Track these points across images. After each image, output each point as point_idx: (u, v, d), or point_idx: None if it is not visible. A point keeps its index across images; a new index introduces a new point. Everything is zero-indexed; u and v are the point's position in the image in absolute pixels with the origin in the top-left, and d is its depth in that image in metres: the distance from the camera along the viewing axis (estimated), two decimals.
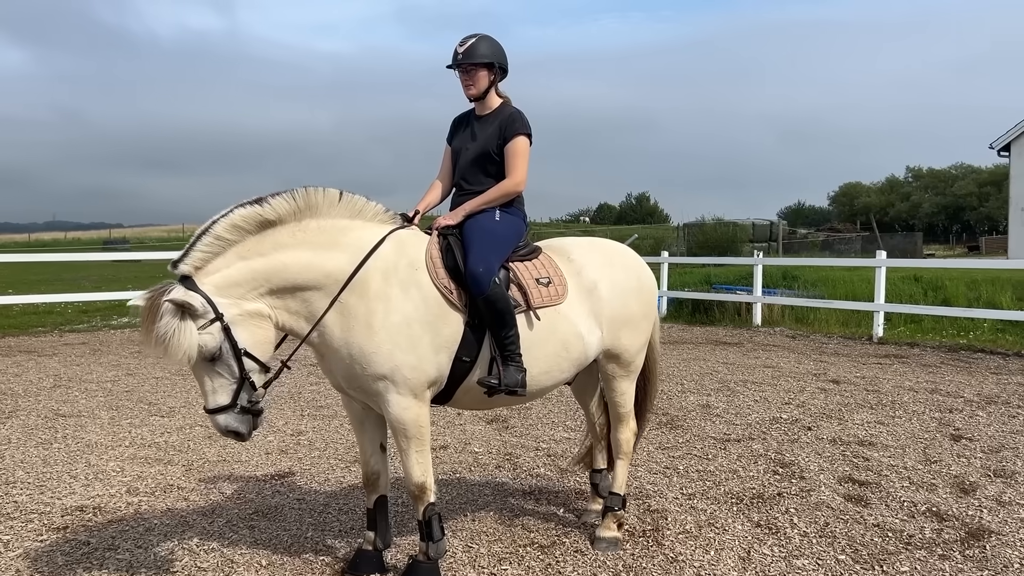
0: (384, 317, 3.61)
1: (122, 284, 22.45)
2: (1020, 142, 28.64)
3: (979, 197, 75.41)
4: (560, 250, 4.32)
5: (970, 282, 14.61)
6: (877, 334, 13.39)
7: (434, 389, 3.81)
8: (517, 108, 4.22)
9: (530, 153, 4.15)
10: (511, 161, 4.10)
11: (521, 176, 4.11)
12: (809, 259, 18.21)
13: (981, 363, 11.20)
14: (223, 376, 3.43)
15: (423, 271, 3.78)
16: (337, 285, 3.61)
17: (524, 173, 4.12)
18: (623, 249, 4.53)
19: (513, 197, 4.16)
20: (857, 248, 35.60)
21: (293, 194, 3.60)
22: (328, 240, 3.64)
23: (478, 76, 4.14)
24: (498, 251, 3.93)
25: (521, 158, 4.11)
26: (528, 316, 3.95)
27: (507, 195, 4.12)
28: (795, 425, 7.39)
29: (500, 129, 4.13)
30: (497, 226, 4.03)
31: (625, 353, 4.33)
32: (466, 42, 4.11)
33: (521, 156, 4.11)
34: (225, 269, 3.45)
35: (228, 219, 3.48)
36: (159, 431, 7.19)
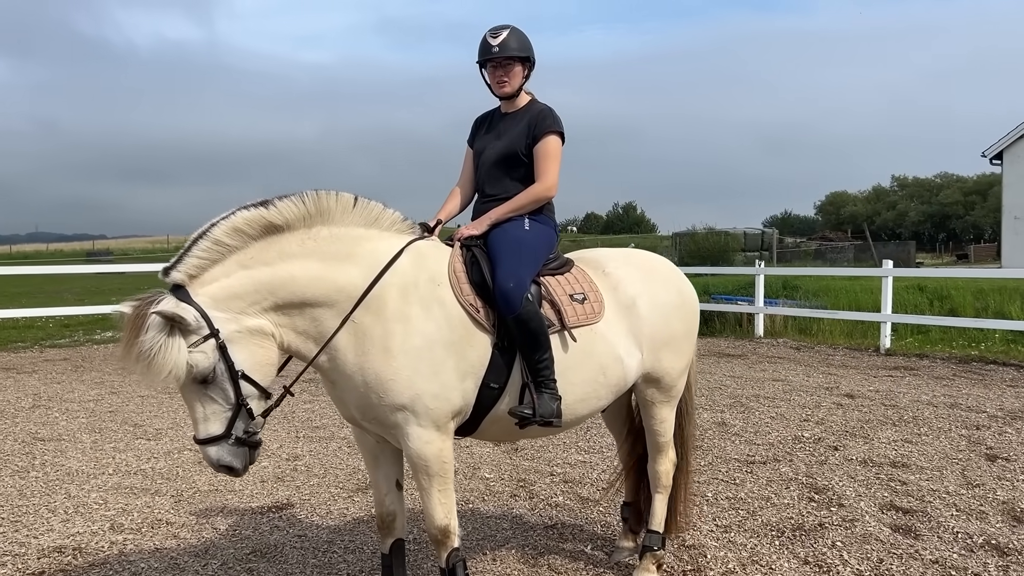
0: (403, 339, 3.20)
1: (105, 297, 21.87)
2: (1012, 150, 28.55)
3: (964, 206, 75.82)
4: (594, 262, 3.91)
5: (976, 291, 14.33)
6: (885, 345, 13.06)
7: (458, 419, 3.39)
8: (546, 104, 3.83)
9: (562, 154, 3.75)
10: (541, 163, 3.71)
11: (553, 179, 3.71)
12: (813, 268, 17.89)
13: (995, 375, 10.91)
14: (216, 402, 3.00)
15: (446, 287, 3.37)
16: (350, 302, 3.19)
17: (556, 176, 3.72)
18: (662, 261, 4.13)
19: (544, 203, 3.76)
20: (850, 257, 35.45)
21: (303, 197, 3.18)
22: (341, 251, 3.23)
23: (513, 71, 3.76)
24: (529, 264, 3.53)
25: (553, 159, 3.71)
26: (562, 337, 3.54)
27: (537, 201, 3.72)
28: (820, 444, 7.01)
29: (529, 127, 3.74)
30: (527, 236, 3.62)
31: (666, 376, 3.93)
32: (499, 33, 3.72)
33: (553, 157, 3.71)
34: (224, 279, 3.02)
35: (229, 222, 3.06)
36: (145, 456, 6.72)
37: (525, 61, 3.77)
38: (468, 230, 3.66)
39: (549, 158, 3.70)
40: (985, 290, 14.26)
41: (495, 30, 3.74)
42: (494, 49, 3.71)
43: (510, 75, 3.75)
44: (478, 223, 3.69)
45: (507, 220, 3.67)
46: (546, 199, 3.74)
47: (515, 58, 3.73)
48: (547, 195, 3.72)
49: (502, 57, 3.72)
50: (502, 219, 3.67)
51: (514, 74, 3.76)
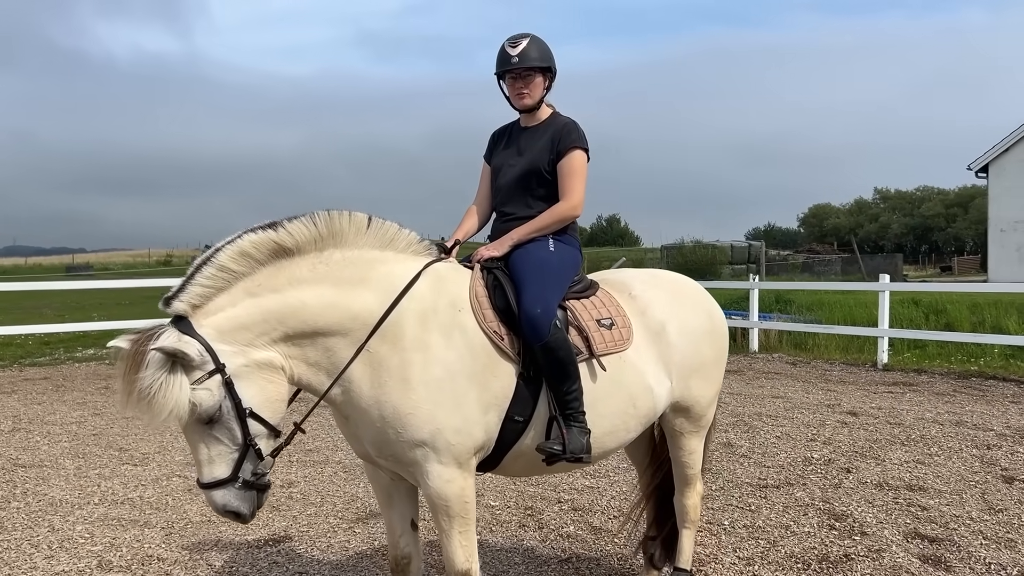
0: (423, 369, 2.97)
1: (86, 313, 21.44)
2: (998, 163, 28.70)
3: (946, 218, 76.53)
4: (619, 285, 3.70)
5: (972, 305, 14.26)
6: (882, 360, 12.94)
7: (480, 455, 3.16)
8: (569, 117, 3.63)
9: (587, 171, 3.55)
10: (566, 180, 3.50)
11: (579, 198, 3.51)
12: (808, 283, 17.79)
13: (996, 391, 10.80)
14: (222, 442, 2.76)
15: (467, 312, 3.15)
16: (365, 330, 2.96)
17: (582, 194, 3.51)
18: (690, 283, 3.93)
19: (569, 223, 3.55)
20: (837, 270, 35.53)
21: (314, 218, 2.96)
22: (355, 275, 3.00)
23: (534, 83, 3.55)
24: (556, 288, 3.31)
25: (579, 176, 3.50)
26: (590, 366, 3.32)
27: (562, 221, 3.51)
28: (831, 466, 6.82)
29: (552, 142, 3.54)
30: (552, 257, 3.41)
31: (696, 405, 3.71)
32: (518, 43, 3.51)
33: (579, 174, 3.51)
34: (230, 308, 2.79)
35: (235, 246, 2.83)
36: (132, 483, 6.42)
37: (546, 72, 3.57)
38: (488, 251, 3.45)
39: (575, 175, 3.50)
40: (980, 304, 14.19)
41: (514, 39, 3.54)
42: (513, 59, 3.50)
43: (531, 87, 3.55)
44: (499, 244, 3.47)
45: (530, 241, 3.45)
46: (571, 219, 3.54)
47: (536, 68, 3.53)
48: (572, 214, 3.51)
49: (522, 68, 3.51)
50: (524, 240, 3.46)
51: (535, 85, 3.55)
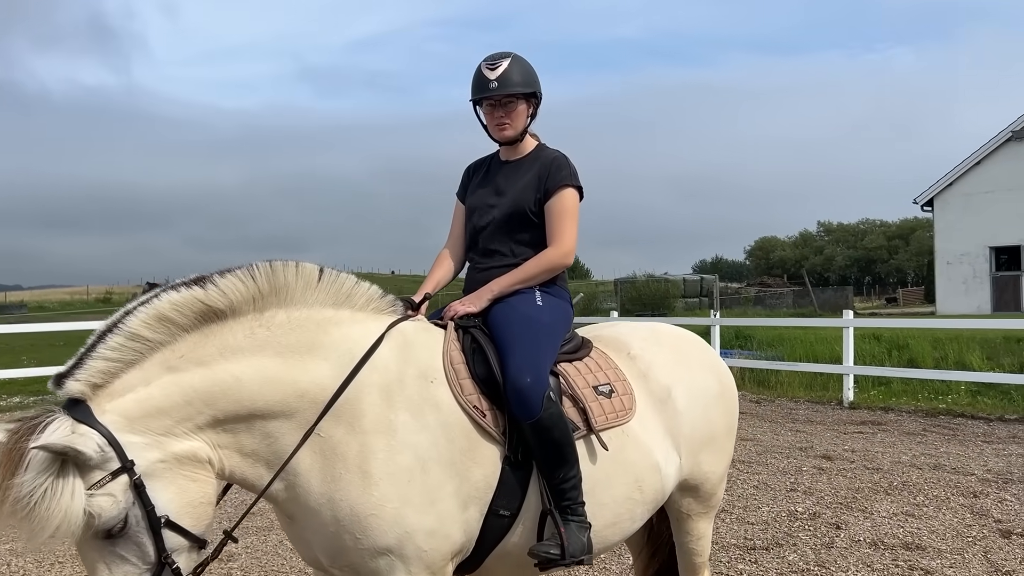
0: (387, 458, 2.42)
1: (15, 356, 20.24)
2: (942, 197, 29.24)
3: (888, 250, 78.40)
4: (615, 343, 3.20)
5: (934, 340, 14.13)
6: (848, 398, 12.69)
7: (458, 558, 2.61)
8: (559, 150, 3.15)
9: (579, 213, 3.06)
10: (556, 223, 3.02)
11: (570, 243, 3.02)
12: (770, 319, 17.58)
13: (966, 429, 10.60)
14: (129, 561, 2.17)
15: (441, 384, 2.62)
16: (315, 409, 2.41)
17: (574, 239, 3.03)
18: (694, 339, 3.45)
19: (558, 273, 3.05)
20: (789, 303, 35.73)
21: (252, 271, 2.42)
22: (303, 341, 2.46)
23: (516, 111, 3.08)
24: (547, 351, 2.80)
25: (570, 218, 3.02)
26: (588, 443, 2.80)
27: (551, 270, 3.03)
28: (818, 521, 6.39)
29: (540, 179, 3.06)
30: (541, 314, 2.90)
31: (706, 483, 3.21)
32: (497, 64, 3.03)
33: (570, 216, 3.03)
34: (143, 388, 2.23)
35: (151, 308, 2.27)
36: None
37: (530, 97, 3.09)
38: (464, 306, 2.93)
39: (565, 217, 3.02)
40: (942, 339, 14.07)
41: (493, 59, 3.06)
42: (492, 84, 3.02)
43: (512, 115, 3.06)
44: (476, 297, 2.96)
45: (513, 294, 2.94)
46: (562, 268, 3.05)
47: (518, 95, 3.04)
48: (563, 263, 3.03)
49: (502, 95, 3.02)
50: (507, 292, 2.95)
51: (517, 114, 3.07)
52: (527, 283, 2.98)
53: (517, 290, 2.96)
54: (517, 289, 2.96)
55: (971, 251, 28.25)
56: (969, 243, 28.22)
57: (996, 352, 13.17)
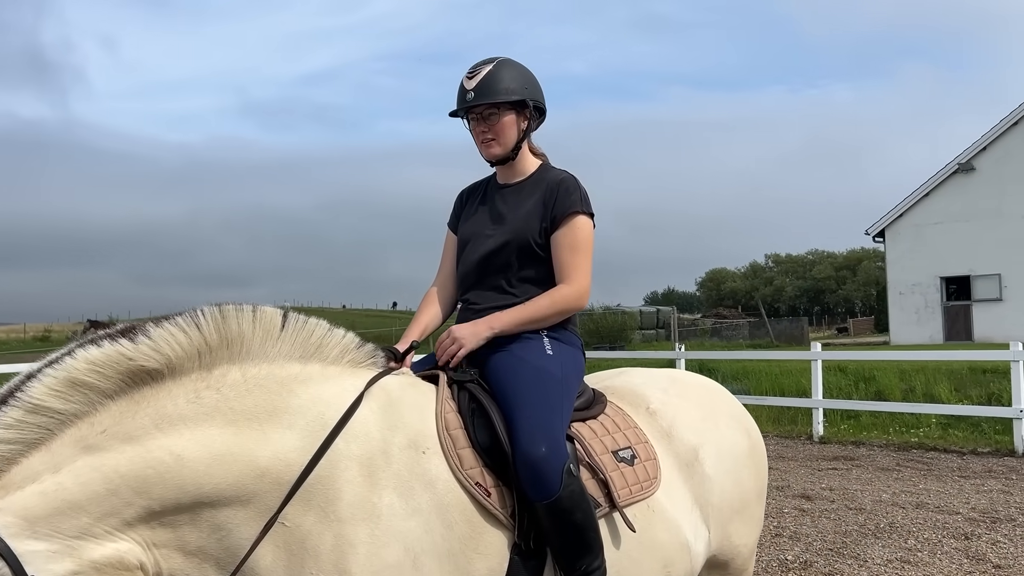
0: (370, 553, 1.95)
1: None
2: (893, 228, 29.63)
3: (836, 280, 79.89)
4: (632, 396, 2.77)
5: (900, 372, 14.01)
6: (818, 432, 12.45)
7: None
8: (566, 171, 2.73)
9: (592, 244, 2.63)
10: (567, 257, 2.59)
11: (585, 281, 2.59)
12: (736, 352, 17.36)
13: (940, 464, 10.41)
14: None
15: (435, 455, 2.16)
16: (278, 492, 1.93)
17: (588, 276, 2.60)
18: (718, 389, 3.03)
19: (572, 314, 2.62)
20: (745, 334, 35.87)
21: (196, 319, 1.96)
22: (262, 405, 1.99)
23: (502, 124, 2.64)
24: (561, 412, 2.36)
25: (583, 252, 2.60)
26: (610, 522, 2.35)
27: (564, 312, 2.59)
28: (811, 571, 6.02)
29: (545, 205, 2.63)
30: (552, 366, 2.46)
31: (737, 558, 2.78)
32: (477, 71, 2.62)
33: (583, 249, 2.60)
34: (50, 476, 1.74)
35: (62, 371, 1.79)
36: None
37: (521, 107, 2.66)
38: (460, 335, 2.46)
39: (578, 250, 2.59)
40: (908, 371, 13.96)
41: (473, 68, 2.65)
42: (469, 95, 2.61)
43: (497, 129, 2.63)
44: (473, 329, 2.49)
45: (515, 338, 2.49)
46: (576, 310, 2.62)
47: (504, 104, 2.62)
48: (579, 304, 2.59)
49: (483, 105, 2.60)
50: (509, 330, 2.50)
51: (503, 127, 2.64)
52: (535, 324, 2.54)
53: (521, 334, 2.51)
54: (524, 330, 2.52)
55: (922, 281, 28.62)
56: (920, 273, 28.60)
57: (963, 383, 13.09)
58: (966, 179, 27.72)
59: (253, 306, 2.03)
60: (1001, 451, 10.90)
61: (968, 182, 27.67)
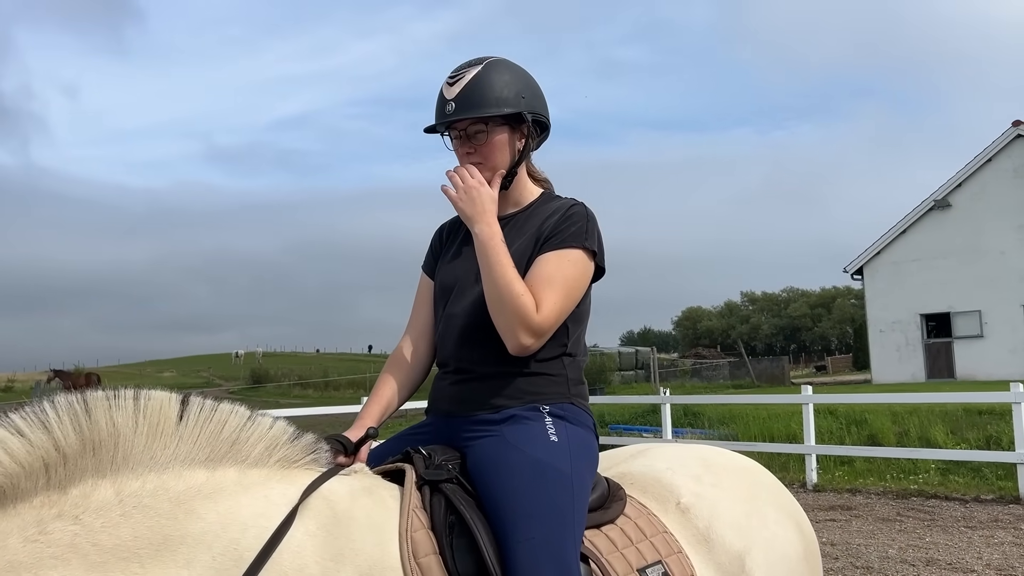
0: None
1: None
2: (871, 266, 29.51)
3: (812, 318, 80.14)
4: (656, 486, 2.19)
5: (892, 415, 13.54)
6: (812, 480, 11.91)
7: None
8: (575, 200, 2.18)
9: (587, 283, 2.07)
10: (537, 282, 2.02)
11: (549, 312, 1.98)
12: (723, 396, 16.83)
13: (944, 513, 9.90)
14: None
15: None
16: None
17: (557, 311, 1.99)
18: (760, 472, 2.47)
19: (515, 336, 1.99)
20: (725, 374, 35.45)
21: (42, 417, 1.40)
22: (146, 536, 1.43)
23: (492, 144, 2.10)
24: (572, 525, 1.78)
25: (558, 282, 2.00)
26: None
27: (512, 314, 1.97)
28: None
29: (537, 238, 2.08)
30: (557, 458, 1.88)
31: None
32: (461, 75, 2.08)
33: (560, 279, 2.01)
34: None
35: None
36: None
37: (517, 122, 2.12)
38: None
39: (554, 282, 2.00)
40: (900, 413, 13.50)
41: (457, 70, 2.11)
42: (448, 106, 2.07)
43: (486, 151, 2.10)
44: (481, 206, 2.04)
45: (508, 418, 1.93)
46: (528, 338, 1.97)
47: (493, 119, 2.08)
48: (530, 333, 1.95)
49: (467, 119, 2.06)
50: (489, 254, 2.01)
51: (493, 148, 2.10)
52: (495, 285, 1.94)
53: (513, 416, 1.93)
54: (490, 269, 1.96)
55: (903, 319, 28.41)
56: (900, 311, 28.41)
57: (959, 426, 12.63)
58: (942, 216, 27.69)
59: (134, 392, 1.46)
60: (1005, 498, 10.43)
61: (945, 218, 27.64)
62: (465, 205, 2.00)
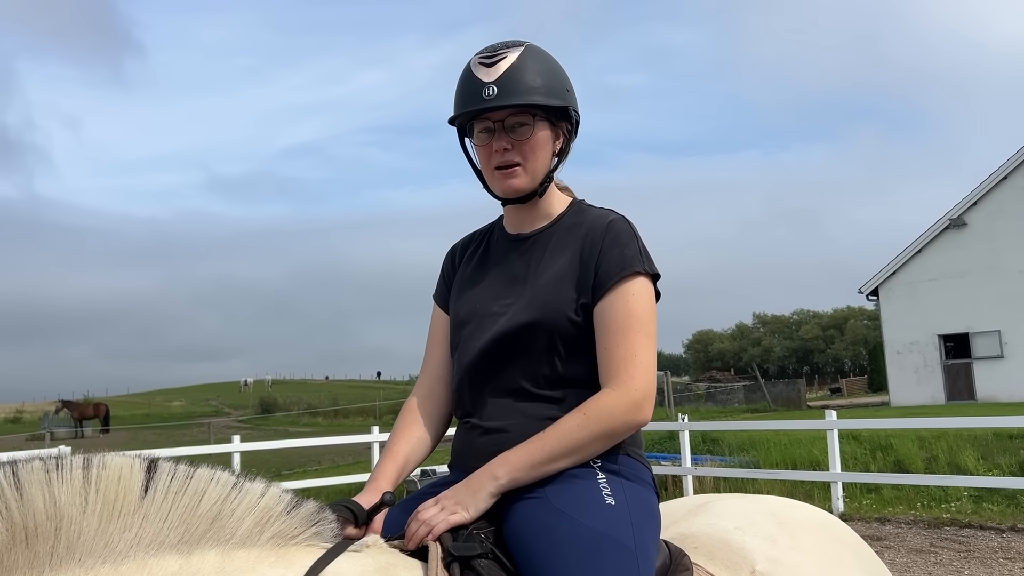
0: None
1: None
2: (887, 286, 29.07)
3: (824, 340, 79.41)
4: (725, 550, 1.87)
5: (919, 439, 13.12)
6: (838, 508, 11.48)
7: None
8: (613, 211, 1.88)
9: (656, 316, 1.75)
10: (618, 341, 1.71)
11: (642, 380, 1.68)
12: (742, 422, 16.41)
13: (978, 543, 9.47)
14: None
15: None
16: None
17: (649, 370, 1.70)
18: (839, 529, 2.14)
19: (626, 436, 1.72)
20: (740, 398, 34.93)
21: None
22: None
23: (535, 141, 1.78)
24: None
25: (643, 334, 1.71)
26: None
27: (608, 435, 1.68)
28: None
29: (583, 263, 1.77)
30: (614, 526, 1.57)
31: None
32: (501, 56, 1.76)
33: (643, 328, 1.71)
34: None
35: None
36: None
37: (557, 117, 1.82)
38: (445, 512, 1.57)
39: (632, 330, 1.70)
40: (927, 438, 13.07)
41: (493, 50, 1.78)
42: (487, 90, 1.74)
43: (528, 148, 1.78)
44: (468, 490, 1.61)
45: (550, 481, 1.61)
46: (630, 428, 1.70)
47: (536, 108, 1.77)
48: (635, 419, 1.68)
49: (513, 106, 1.74)
50: (529, 477, 1.62)
51: (535, 146, 1.78)
52: (566, 461, 1.64)
53: (559, 473, 1.62)
54: (558, 468, 1.62)
55: (920, 340, 27.91)
56: (917, 332, 27.91)
57: (990, 451, 12.20)
58: (958, 235, 27.28)
59: (84, 459, 1.16)
60: None
61: (960, 237, 27.23)
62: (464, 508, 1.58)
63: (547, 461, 1.61)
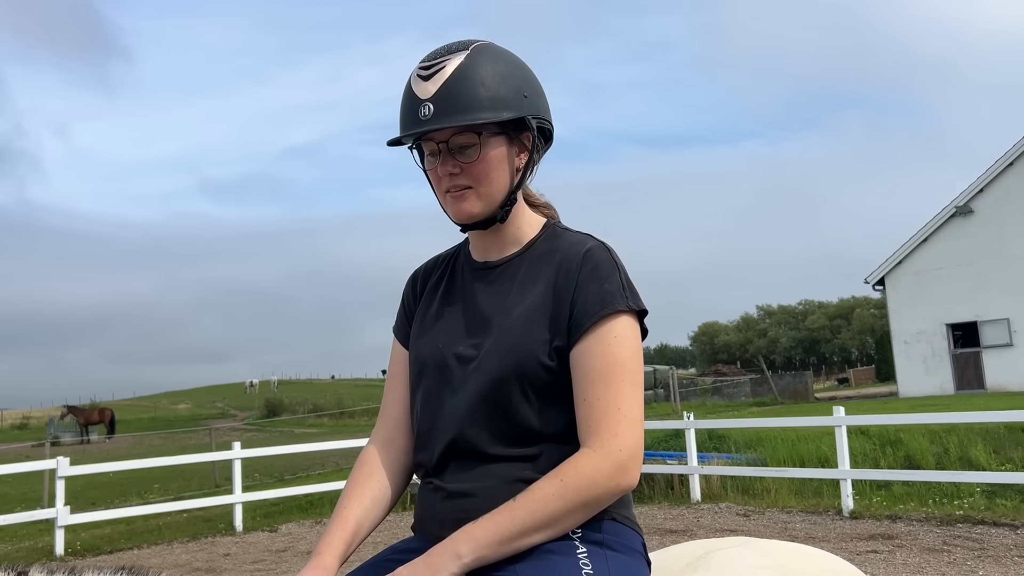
0: None
1: None
2: (893, 276, 28.80)
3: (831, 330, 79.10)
4: None
5: (929, 433, 12.89)
6: (848, 506, 11.27)
7: None
8: (591, 236, 1.66)
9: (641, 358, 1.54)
10: (595, 392, 1.49)
11: (629, 438, 1.47)
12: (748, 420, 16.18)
13: (993, 540, 9.25)
14: None
15: None
16: None
17: (636, 425, 1.48)
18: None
19: (617, 498, 1.51)
20: (747, 391, 34.70)
21: None
22: None
23: (486, 161, 1.56)
24: None
25: (628, 382, 1.49)
26: None
27: (588, 503, 1.46)
28: None
29: (557, 297, 1.55)
30: None
31: None
32: (439, 66, 1.54)
33: (628, 376, 1.49)
34: None
35: None
36: None
37: (517, 130, 1.60)
38: None
39: (615, 379, 1.49)
40: (937, 432, 12.85)
41: (433, 58, 1.57)
42: (423, 109, 1.53)
43: (478, 170, 1.56)
44: (431, 565, 1.40)
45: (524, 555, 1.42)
46: (615, 493, 1.48)
47: (479, 127, 1.55)
48: (616, 484, 1.46)
49: (450, 127, 1.53)
50: (493, 555, 1.42)
51: (487, 166, 1.57)
52: (542, 532, 1.43)
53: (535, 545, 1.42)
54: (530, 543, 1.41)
55: (928, 329, 27.65)
56: (925, 321, 27.65)
57: (1002, 444, 11.98)
58: (965, 222, 27.00)
59: None
60: None
61: (967, 225, 26.95)
62: None
63: (518, 536, 1.41)
